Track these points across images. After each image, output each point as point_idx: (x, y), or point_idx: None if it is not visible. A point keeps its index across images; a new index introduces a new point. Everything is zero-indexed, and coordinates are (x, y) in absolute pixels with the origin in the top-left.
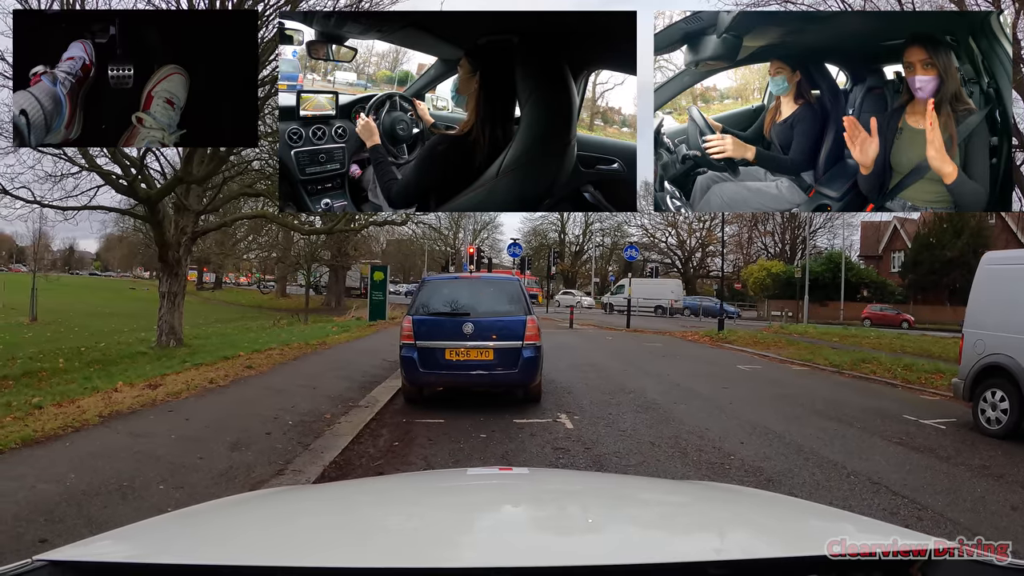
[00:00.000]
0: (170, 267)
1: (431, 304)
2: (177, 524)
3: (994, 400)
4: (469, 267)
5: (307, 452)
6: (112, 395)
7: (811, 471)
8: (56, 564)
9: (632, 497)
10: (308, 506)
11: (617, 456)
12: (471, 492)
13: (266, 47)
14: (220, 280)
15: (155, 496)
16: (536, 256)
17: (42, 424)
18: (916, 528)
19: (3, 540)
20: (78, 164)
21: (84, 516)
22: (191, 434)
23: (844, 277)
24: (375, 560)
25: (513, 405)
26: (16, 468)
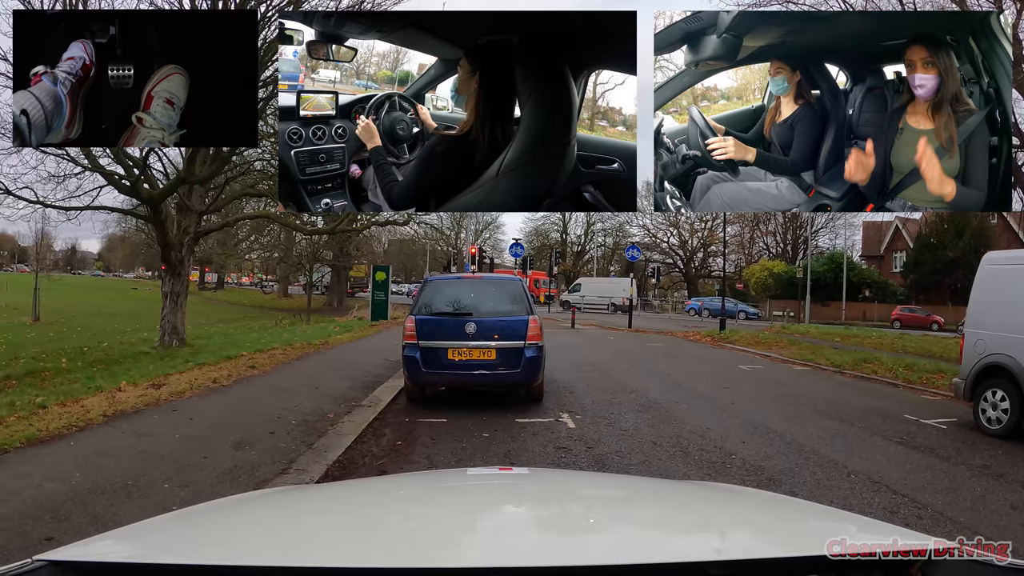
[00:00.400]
0: (173, 267)
1: (434, 304)
2: (178, 524)
3: (995, 400)
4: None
5: (311, 451)
6: (116, 395)
7: (812, 470)
8: (56, 564)
9: (633, 497)
10: (309, 506)
11: (619, 455)
12: (472, 492)
13: (268, 48)
14: (222, 280)
15: (160, 495)
16: (538, 256)
17: (47, 423)
18: (916, 527)
19: (10, 537)
20: (81, 165)
21: (90, 514)
22: (195, 433)
23: (846, 277)
24: (376, 560)
25: (515, 405)
26: (22, 467)
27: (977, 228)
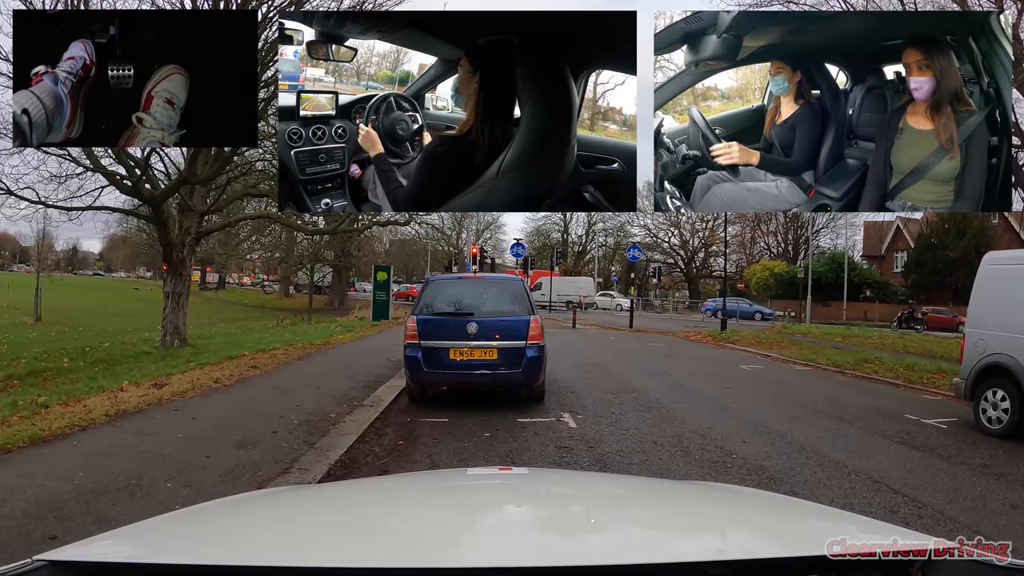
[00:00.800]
0: (175, 267)
1: (435, 304)
2: (178, 524)
3: (995, 400)
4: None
5: (313, 451)
6: (118, 394)
7: (812, 470)
8: (56, 564)
9: (634, 497)
10: (308, 506)
11: (620, 455)
12: (472, 492)
13: (270, 48)
14: (223, 280)
15: (163, 494)
16: (539, 256)
17: (49, 423)
18: (916, 526)
19: (13, 536)
20: (83, 165)
21: (93, 513)
22: (197, 433)
23: (847, 277)
24: (378, 560)
25: (517, 404)
26: (24, 466)
27: (978, 228)
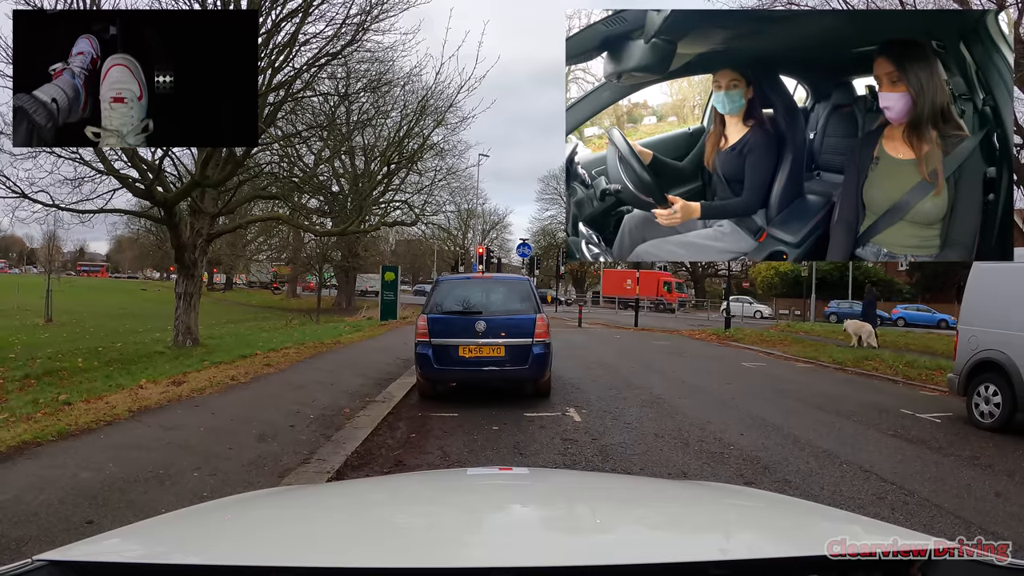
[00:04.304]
0: (186, 268)
1: (445, 303)
2: (180, 524)
3: (987, 394)
4: (479, 267)
5: (330, 443)
6: (138, 392)
7: (805, 460)
8: (56, 564)
9: (638, 497)
10: (313, 505)
11: (622, 447)
12: (477, 492)
13: (280, 52)
14: (231, 281)
15: (191, 482)
16: (545, 256)
17: (75, 419)
18: (901, 512)
19: (53, 521)
20: (96, 168)
21: (126, 500)
22: (219, 426)
23: (852, 276)
24: (387, 560)
25: (524, 400)
26: (57, 458)
27: None
